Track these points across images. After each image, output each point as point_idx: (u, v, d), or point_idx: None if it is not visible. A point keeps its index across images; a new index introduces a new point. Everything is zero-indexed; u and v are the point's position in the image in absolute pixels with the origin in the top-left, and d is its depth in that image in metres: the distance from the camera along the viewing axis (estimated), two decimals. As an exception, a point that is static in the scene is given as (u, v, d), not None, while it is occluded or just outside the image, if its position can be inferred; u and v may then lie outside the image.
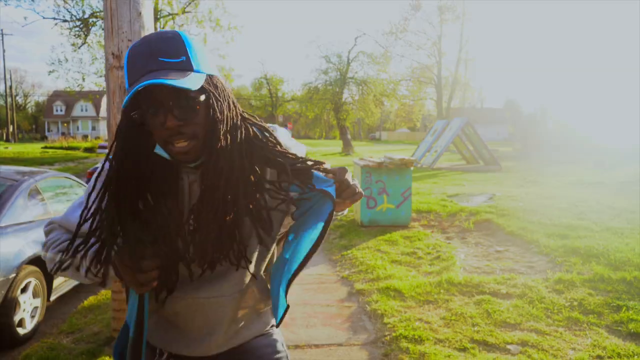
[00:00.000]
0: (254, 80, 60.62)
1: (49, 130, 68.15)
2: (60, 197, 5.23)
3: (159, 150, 1.09)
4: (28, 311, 4.14)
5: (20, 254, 4.05)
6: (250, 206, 1.11)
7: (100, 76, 29.93)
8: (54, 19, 27.89)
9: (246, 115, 1.16)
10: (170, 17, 28.00)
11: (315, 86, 35.24)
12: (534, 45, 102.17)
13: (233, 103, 1.11)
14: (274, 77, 57.18)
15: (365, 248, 6.15)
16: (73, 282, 5.00)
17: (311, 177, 1.12)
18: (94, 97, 48.20)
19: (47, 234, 1.28)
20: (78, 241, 1.12)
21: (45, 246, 1.24)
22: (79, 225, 1.11)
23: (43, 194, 4.84)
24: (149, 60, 1.02)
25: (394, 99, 38.80)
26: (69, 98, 58.21)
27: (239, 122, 1.11)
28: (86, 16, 27.57)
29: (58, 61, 29.47)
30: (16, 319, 3.98)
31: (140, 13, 3.34)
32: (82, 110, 67.83)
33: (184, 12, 27.93)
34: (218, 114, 1.06)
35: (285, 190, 1.11)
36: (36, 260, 4.24)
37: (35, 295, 4.26)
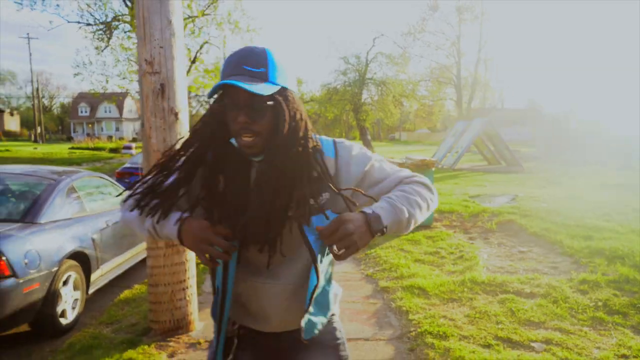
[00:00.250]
0: (272, 81, 60.94)
1: (74, 131, 69.57)
2: (95, 196, 5.44)
3: (233, 141, 1.31)
4: (69, 303, 4.34)
5: (61, 249, 4.24)
6: (297, 203, 1.25)
7: (124, 78, 30.53)
8: (78, 22, 28.55)
9: (311, 135, 1.30)
10: (190, 19, 28.37)
11: (335, 87, 35.35)
12: (557, 44, 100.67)
13: (300, 116, 1.28)
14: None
15: (389, 247, 6.25)
16: (109, 277, 5.20)
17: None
18: (117, 99, 49.00)
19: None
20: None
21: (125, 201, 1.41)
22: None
23: (79, 193, 5.05)
24: (235, 66, 1.23)
25: (413, 99, 38.66)
26: (93, 100, 59.38)
27: (300, 134, 1.27)
28: (109, 20, 28.15)
29: (83, 64, 30.03)
30: (59, 309, 4.18)
31: (170, 21, 3.50)
32: (105, 111, 69.08)
33: (203, 14, 28.24)
34: (282, 120, 1.23)
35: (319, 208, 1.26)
36: (75, 255, 4.45)
37: (75, 288, 4.46)
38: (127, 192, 1.39)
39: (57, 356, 3.63)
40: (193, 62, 28.59)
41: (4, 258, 3.63)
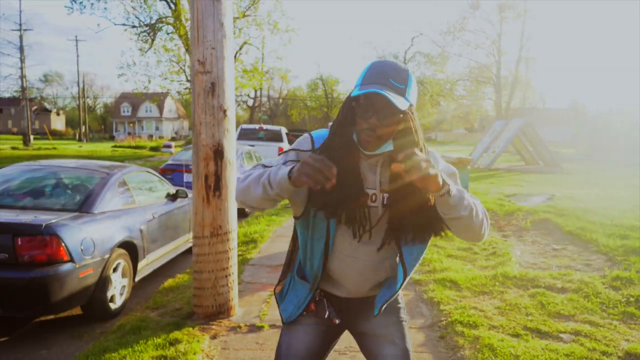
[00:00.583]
0: (309, 81, 61.45)
1: (116, 130, 71.93)
2: (143, 189, 5.77)
3: (354, 136, 1.55)
4: (118, 289, 4.65)
5: (112, 238, 4.56)
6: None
7: (165, 78, 31.49)
8: (124, 24, 29.61)
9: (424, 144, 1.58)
10: (235, 18, 28.93)
11: (372, 87, 35.40)
12: (601, 43, 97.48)
13: (419, 130, 1.56)
14: (329, 78, 57.73)
15: (422, 243, 6.36)
16: (154, 266, 5.51)
17: None
18: (158, 99, 50.38)
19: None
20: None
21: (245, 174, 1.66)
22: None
23: (129, 186, 5.38)
24: (382, 76, 1.45)
25: (451, 99, 38.37)
26: (135, 100, 61.26)
27: (421, 143, 1.54)
28: (153, 22, 29.09)
29: (127, 65, 31.00)
30: (109, 295, 4.49)
31: (222, 23, 3.74)
32: (146, 111, 71.11)
33: (243, 15, 28.74)
34: (411, 131, 1.52)
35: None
36: (125, 244, 4.76)
37: (123, 275, 4.77)
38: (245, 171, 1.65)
39: (108, 336, 3.93)
40: (231, 61, 29.10)
41: (63, 244, 3.95)
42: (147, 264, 5.33)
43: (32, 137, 37.90)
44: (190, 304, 4.25)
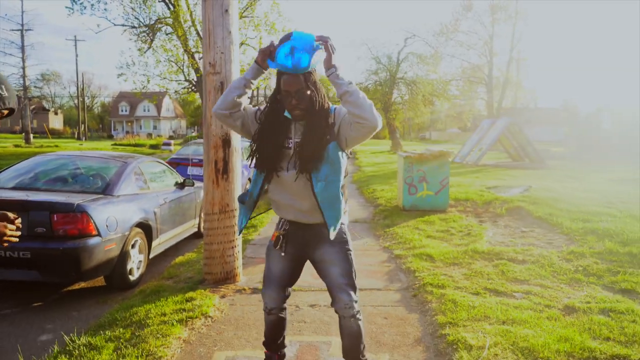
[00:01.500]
0: (305, 80, 61.90)
1: (114, 129, 72.40)
2: (155, 177, 6.43)
3: (286, 114, 2.33)
4: (135, 263, 5.32)
5: (131, 217, 5.22)
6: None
7: (164, 78, 32.20)
8: (123, 25, 30.22)
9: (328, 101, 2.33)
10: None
11: (366, 86, 36.06)
12: (593, 43, 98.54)
13: (324, 95, 2.33)
14: (325, 78, 58.33)
15: (405, 226, 7.07)
16: (165, 246, 6.18)
17: None
18: (157, 98, 50.92)
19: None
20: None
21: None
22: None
23: (144, 173, 6.05)
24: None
25: (444, 98, 39.05)
26: (133, 99, 61.78)
27: (325, 105, 2.30)
28: (152, 22, 29.70)
29: (126, 65, 31.50)
30: (128, 267, 5.15)
31: (230, 32, 4.42)
32: (144, 110, 71.65)
33: (241, 17, 29.28)
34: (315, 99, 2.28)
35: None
36: (141, 224, 5.43)
37: (140, 251, 5.43)
38: None
39: (132, 298, 4.59)
40: (229, 62, 29.63)
41: (92, 221, 4.62)
42: (159, 244, 6.00)
43: (31, 135, 38.47)
44: (200, 274, 4.93)
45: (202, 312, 3.90)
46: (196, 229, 7.35)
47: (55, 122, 77.05)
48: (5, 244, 1.92)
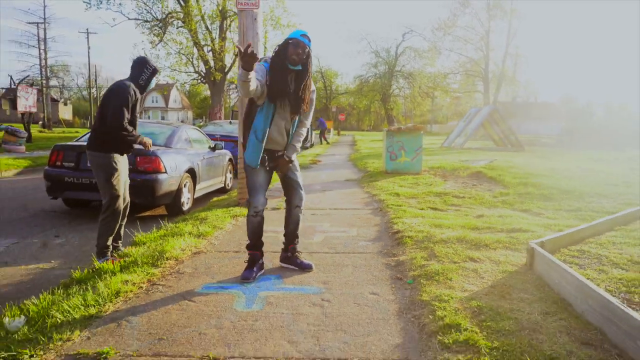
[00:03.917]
0: (309, 74, 63.82)
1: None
2: (196, 139, 8.57)
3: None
4: (186, 198, 7.47)
5: (183, 164, 7.36)
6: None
7: (173, 70, 34.39)
8: (136, 19, 32.36)
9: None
10: (236, 15, 31.63)
11: (366, 79, 38.19)
12: (594, 38, 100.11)
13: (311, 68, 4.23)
14: (328, 71, 60.34)
15: (385, 181, 9.21)
16: (202, 192, 8.32)
17: None
18: (168, 90, 52.92)
19: None
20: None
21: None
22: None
23: (189, 135, 8.20)
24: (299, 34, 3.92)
25: (442, 91, 41.12)
26: (142, 90, 63.82)
27: (311, 67, 4.17)
28: (164, 16, 31.83)
29: (138, 57, 33.29)
30: (182, 200, 7.30)
31: (257, 33, 6.55)
32: (152, 101, 73.97)
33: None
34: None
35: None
36: (190, 170, 7.56)
37: (188, 190, 7.58)
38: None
39: (190, 216, 6.74)
40: (237, 55, 31.75)
41: (162, 163, 6.76)
42: (199, 188, 8.14)
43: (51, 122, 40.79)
44: (236, 199, 7.08)
45: (241, 214, 6.07)
46: (222, 185, 9.48)
47: (65, 112, 79.30)
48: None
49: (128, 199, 4.67)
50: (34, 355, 2.42)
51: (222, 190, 9.40)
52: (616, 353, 2.30)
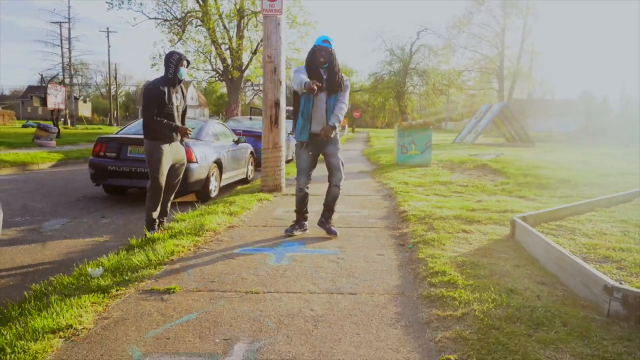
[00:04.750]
0: (324, 71, 64.48)
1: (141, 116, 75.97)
2: (221, 133, 9.36)
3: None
4: (213, 186, 8.24)
5: (211, 155, 8.13)
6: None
7: (191, 67, 35.34)
8: (156, 18, 33.39)
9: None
10: (253, 14, 32.46)
11: (381, 76, 38.79)
12: (612, 35, 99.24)
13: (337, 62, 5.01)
14: (343, 69, 60.86)
15: (395, 172, 9.91)
16: (228, 181, 9.10)
17: None
18: (185, 87, 53.88)
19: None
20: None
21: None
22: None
23: (216, 129, 8.98)
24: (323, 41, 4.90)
25: (456, 88, 41.50)
26: (160, 88, 64.94)
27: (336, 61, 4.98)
28: (184, 15, 32.80)
29: (159, 56, 34.50)
30: (210, 187, 8.08)
31: (280, 36, 7.29)
32: (170, 99, 75.10)
33: (265, 10, 31.79)
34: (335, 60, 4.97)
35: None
36: (217, 161, 8.33)
37: (216, 179, 8.36)
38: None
39: (220, 199, 7.51)
40: (254, 53, 32.53)
41: (193, 153, 7.54)
42: (225, 178, 8.92)
43: (69, 121, 42.17)
44: (258, 188, 7.84)
45: (265, 198, 6.84)
46: (244, 176, 10.26)
47: (84, 110, 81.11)
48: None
49: (179, 178, 5.49)
50: (119, 290, 3.19)
51: (244, 181, 10.17)
52: (562, 289, 3.00)
